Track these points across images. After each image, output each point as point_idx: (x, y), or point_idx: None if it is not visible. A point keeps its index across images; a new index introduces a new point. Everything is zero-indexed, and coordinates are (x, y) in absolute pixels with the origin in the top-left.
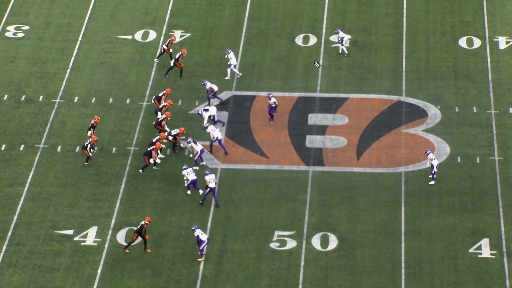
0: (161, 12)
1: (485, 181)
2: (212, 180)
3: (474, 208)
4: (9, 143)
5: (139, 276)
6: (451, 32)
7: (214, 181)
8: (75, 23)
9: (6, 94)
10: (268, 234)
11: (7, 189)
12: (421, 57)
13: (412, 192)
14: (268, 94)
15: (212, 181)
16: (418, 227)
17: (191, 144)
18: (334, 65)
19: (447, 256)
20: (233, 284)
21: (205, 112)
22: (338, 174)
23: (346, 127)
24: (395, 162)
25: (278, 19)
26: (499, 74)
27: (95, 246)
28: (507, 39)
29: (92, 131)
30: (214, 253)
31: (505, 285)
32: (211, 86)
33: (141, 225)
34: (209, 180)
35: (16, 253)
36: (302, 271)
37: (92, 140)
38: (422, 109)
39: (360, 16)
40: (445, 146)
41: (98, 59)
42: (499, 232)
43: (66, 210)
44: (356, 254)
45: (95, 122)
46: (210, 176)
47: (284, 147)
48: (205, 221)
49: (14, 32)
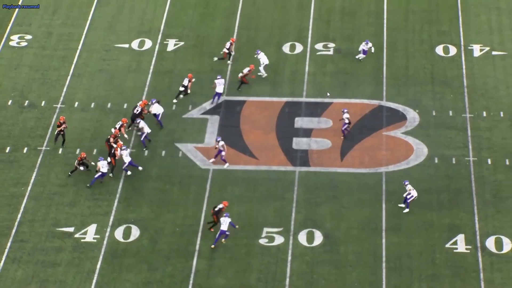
0: (156, 22)
1: (460, 180)
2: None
3: (450, 205)
4: (13, 145)
5: (136, 270)
6: (428, 40)
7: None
8: (75, 32)
9: (10, 100)
10: (257, 231)
11: (11, 188)
12: (400, 64)
13: (392, 191)
14: (343, 109)
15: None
16: (398, 223)
17: (222, 143)
18: (319, 71)
19: (425, 250)
20: (224, 278)
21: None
22: (323, 174)
23: (330, 130)
24: (376, 163)
25: (266, 28)
26: (474, 80)
27: (95, 242)
28: (481, 47)
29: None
30: (206, 249)
31: (480, 278)
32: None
33: (219, 208)
34: (100, 165)
35: (20, 249)
36: (289, 266)
37: (81, 155)
38: (402, 113)
39: (343, 26)
40: (423, 147)
41: (97, 66)
42: (474, 228)
43: (67, 208)
44: (340, 249)
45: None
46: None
47: (272, 149)
48: (198, 218)
49: (17, 41)
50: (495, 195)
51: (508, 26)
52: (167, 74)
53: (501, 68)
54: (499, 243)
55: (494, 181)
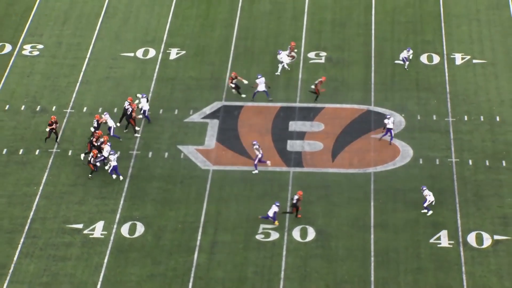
0: (159, 33)
1: (443, 180)
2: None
3: (434, 204)
4: (26, 148)
5: (140, 264)
6: (413, 50)
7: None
8: (83, 42)
9: (23, 105)
10: (254, 227)
11: (24, 188)
12: (387, 72)
13: (380, 190)
14: (387, 115)
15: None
16: (385, 220)
17: (255, 146)
18: (311, 78)
19: (411, 245)
20: (223, 271)
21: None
22: (316, 174)
23: (322, 133)
24: (365, 164)
25: (262, 38)
26: (456, 86)
27: (102, 238)
28: (463, 56)
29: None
30: (206, 244)
31: (462, 271)
32: (261, 83)
33: (296, 198)
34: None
35: (33, 245)
36: (284, 260)
37: (93, 153)
38: (389, 117)
39: (334, 36)
40: (409, 149)
41: (104, 74)
42: (456, 225)
43: (76, 206)
44: (331, 245)
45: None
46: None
47: (268, 150)
48: (199, 216)
49: (30, 50)
50: (475, 194)
51: (487, 36)
52: (170, 81)
53: (481, 75)
54: (479, 239)
55: (475, 181)
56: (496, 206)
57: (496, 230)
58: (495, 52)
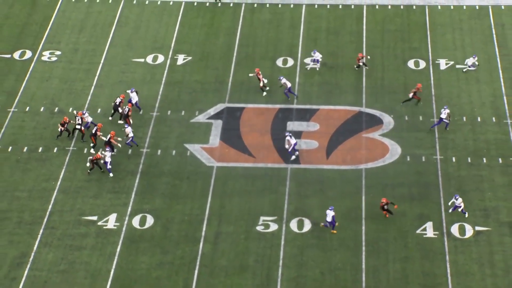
0: (167, 40)
1: (429, 176)
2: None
3: (420, 197)
4: (45, 146)
5: (150, 253)
6: (401, 56)
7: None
8: (98, 49)
9: (42, 107)
10: (254, 219)
11: (44, 183)
12: (377, 76)
13: (370, 185)
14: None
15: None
16: (375, 213)
17: (287, 138)
18: (307, 82)
19: (399, 236)
20: (226, 259)
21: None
22: (311, 170)
23: (317, 133)
24: (357, 161)
25: (262, 45)
26: (440, 90)
27: (115, 229)
28: (447, 61)
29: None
30: (211, 235)
31: (446, 259)
32: (285, 82)
33: (384, 203)
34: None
35: (51, 235)
36: (282, 249)
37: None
38: (379, 117)
39: (329, 43)
40: (397, 147)
41: (117, 78)
42: (441, 217)
43: (91, 200)
44: (326, 235)
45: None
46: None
47: (267, 148)
48: (204, 209)
49: (48, 56)
50: (458, 188)
51: (469, 43)
52: (177, 85)
53: (463, 79)
54: (462, 229)
55: (458, 177)
56: (477, 199)
57: (477, 222)
58: (477, 58)
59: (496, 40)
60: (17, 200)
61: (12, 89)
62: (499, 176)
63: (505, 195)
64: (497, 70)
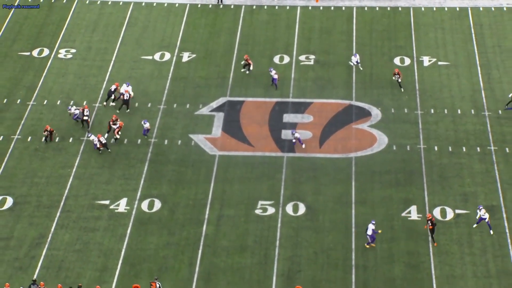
0: (173, 39)
1: (413, 163)
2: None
3: (405, 183)
4: (61, 136)
5: (158, 234)
6: (388, 53)
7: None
8: (109, 47)
9: (59, 100)
10: (253, 203)
11: (60, 170)
12: (366, 72)
13: (360, 172)
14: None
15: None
16: (364, 198)
17: (297, 134)
18: (302, 78)
19: (386, 219)
20: (228, 240)
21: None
22: (306, 159)
23: (311, 124)
24: (347, 150)
25: (260, 43)
26: (424, 85)
27: (125, 212)
28: (430, 58)
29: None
30: (214, 218)
31: (428, 240)
32: (274, 74)
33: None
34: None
35: (67, 218)
36: (279, 231)
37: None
38: (367, 110)
39: (322, 42)
40: (384, 137)
41: (127, 74)
42: (424, 201)
43: (103, 186)
44: (319, 218)
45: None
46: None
47: (265, 138)
48: (207, 194)
49: (64, 54)
50: (440, 175)
51: (450, 42)
52: (182, 80)
53: (445, 75)
54: (443, 212)
55: (440, 164)
56: (457, 185)
57: (457, 206)
58: (457, 56)
59: (475, 39)
60: (36, 185)
61: (31, 84)
62: (478, 163)
63: (483, 181)
64: (475, 67)
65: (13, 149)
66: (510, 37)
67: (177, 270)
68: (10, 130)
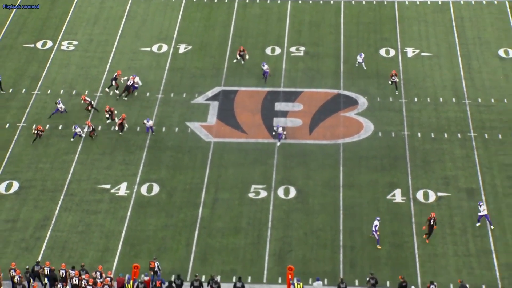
0: (171, 31)
1: (398, 149)
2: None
3: (390, 168)
4: (64, 124)
5: (156, 217)
6: (374, 45)
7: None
8: (110, 39)
9: (62, 90)
10: (247, 187)
11: (64, 156)
12: (353, 62)
13: (347, 157)
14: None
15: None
16: (351, 181)
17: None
18: (292, 68)
19: (372, 201)
20: (223, 222)
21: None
22: (296, 145)
23: (301, 112)
24: (335, 136)
25: (253, 36)
26: (408, 75)
27: (125, 196)
28: (413, 50)
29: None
30: (209, 201)
31: (412, 221)
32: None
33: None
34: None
35: (70, 201)
36: (271, 213)
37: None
38: (355, 99)
39: (311, 34)
40: (371, 125)
41: (126, 65)
42: (408, 184)
43: (104, 171)
44: (309, 201)
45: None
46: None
47: (258, 126)
48: (203, 178)
49: (67, 46)
50: (423, 160)
51: (433, 34)
52: (179, 71)
53: (428, 65)
54: (426, 195)
55: (423, 150)
56: (439, 169)
57: (439, 189)
58: (439, 47)
59: (456, 31)
60: (41, 171)
61: (35, 75)
62: (458, 149)
63: (463, 165)
64: (456, 57)
65: (19, 136)
66: (489, 29)
67: (175, 250)
68: (15, 118)
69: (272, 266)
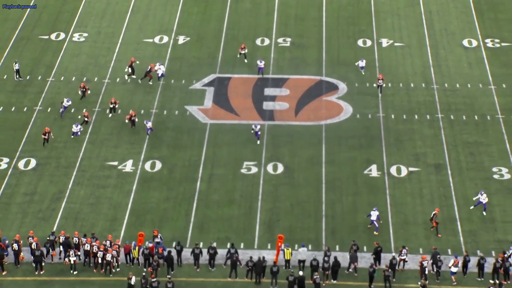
0: (171, 24)
1: (374, 130)
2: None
3: (367, 146)
4: (76, 108)
5: (159, 190)
6: (352, 36)
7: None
8: (116, 31)
9: (74, 77)
10: (239, 164)
11: (75, 136)
12: (334, 52)
13: (329, 137)
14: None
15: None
16: (333, 158)
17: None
18: (280, 58)
19: (351, 176)
20: (218, 195)
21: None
22: (283, 126)
23: (288, 97)
24: (318, 118)
25: (244, 28)
26: (382, 63)
27: (131, 172)
28: (387, 40)
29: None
30: (206, 176)
31: (386, 193)
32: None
33: (433, 213)
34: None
35: (82, 177)
36: (261, 187)
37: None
38: (335, 84)
39: (297, 27)
40: (349, 107)
41: (131, 54)
42: (383, 160)
43: (112, 149)
44: (294, 175)
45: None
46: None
47: (249, 109)
48: (200, 156)
49: (78, 37)
50: (396, 139)
51: (405, 26)
52: (179, 60)
53: (400, 54)
54: (399, 170)
55: (396, 130)
56: (410, 147)
57: (410, 164)
58: (410, 38)
59: (425, 24)
60: (55, 149)
61: (50, 63)
62: (427, 129)
63: (431, 143)
64: (425, 47)
65: (36, 119)
66: (455, 22)
67: (175, 220)
68: (32, 102)
69: (262, 233)
